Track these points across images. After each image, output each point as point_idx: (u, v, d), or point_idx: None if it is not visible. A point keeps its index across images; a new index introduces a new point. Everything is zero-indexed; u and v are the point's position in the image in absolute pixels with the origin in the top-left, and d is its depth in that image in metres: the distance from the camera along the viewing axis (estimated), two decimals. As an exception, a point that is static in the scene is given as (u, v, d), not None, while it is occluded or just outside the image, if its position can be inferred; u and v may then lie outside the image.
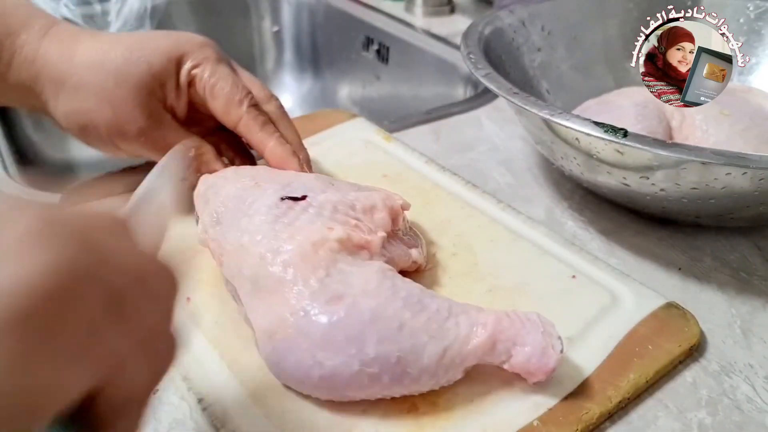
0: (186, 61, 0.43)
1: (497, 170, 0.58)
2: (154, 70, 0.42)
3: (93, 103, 0.41)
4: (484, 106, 0.70)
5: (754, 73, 0.62)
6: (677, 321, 0.39)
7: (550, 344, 0.33)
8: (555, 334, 0.34)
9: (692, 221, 0.49)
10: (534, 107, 0.44)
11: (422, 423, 0.33)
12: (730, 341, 0.40)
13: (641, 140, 0.40)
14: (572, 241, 0.47)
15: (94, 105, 0.41)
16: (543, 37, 0.63)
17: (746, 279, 0.46)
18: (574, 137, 0.45)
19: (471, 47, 0.54)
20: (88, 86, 0.41)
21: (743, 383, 0.37)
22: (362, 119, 0.62)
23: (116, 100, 0.41)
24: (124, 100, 0.41)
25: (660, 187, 0.44)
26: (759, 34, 0.63)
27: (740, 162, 0.38)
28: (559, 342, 0.33)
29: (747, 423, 0.35)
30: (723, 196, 0.42)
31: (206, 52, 0.44)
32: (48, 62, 0.42)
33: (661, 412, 0.35)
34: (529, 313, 0.35)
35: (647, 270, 0.46)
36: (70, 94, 0.41)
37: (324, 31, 1.06)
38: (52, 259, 0.18)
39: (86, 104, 0.41)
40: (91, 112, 0.41)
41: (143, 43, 0.43)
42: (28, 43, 0.42)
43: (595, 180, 0.48)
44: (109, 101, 0.41)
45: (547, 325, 0.34)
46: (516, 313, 0.34)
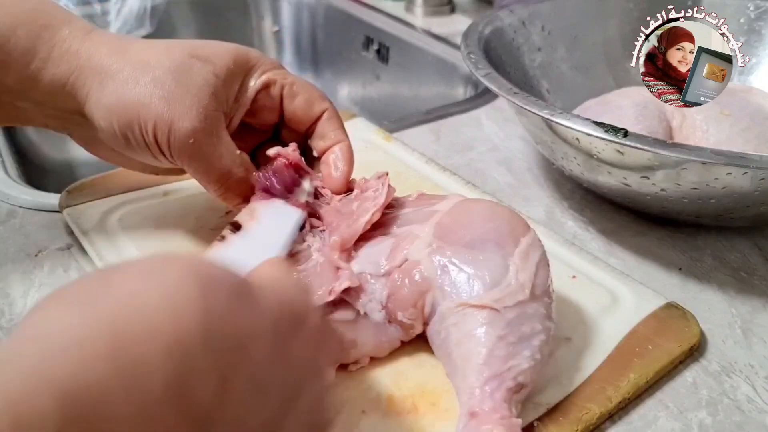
0: (256, 66, 0.41)
1: (497, 170, 0.58)
2: (220, 72, 0.39)
3: (145, 96, 0.37)
4: (484, 106, 0.70)
5: (754, 72, 0.62)
6: (677, 321, 0.39)
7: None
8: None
9: (693, 221, 0.49)
10: (534, 107, 0.44)
11: (422, 423, 0.33)
12: (730, 341, 0.40)
13: (641, 140, 0.40)
14: (572, 241, 0.47)
15: (147, 98, 0.37)
16: (543, 37, 0.63)
17: (746, 279, 0.45)
18: (574, 137, 0.45)
19: (471, 47, 0.54)
20: (144, 79, 0.37)
21: (743, 383, 0.37)
22: (362, 119, 0.62)
23: (174, 96, 0.37)
24: (183, 97, 0.37)
25: (660, 187, 0.44)
26: (759, 34, 0.63)
27: (741, 162, 0.38)
28: None
29: (747, 423, 0.35)
30: (723, 196, 0.42)
31: (270, 59, 0.42)
32: (95, 54, 0.38)
33: (662, 413, 0.35)
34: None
35: (647, 270, 0.46)
36: (119, 85, 0.37)
37: (324, 31, 1.06)
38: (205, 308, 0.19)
39: (138, 96, 0.37)
40: (142, 106, 0.37)
41: (205, 46, 0.40)
42: (71, 36, 0.38)
43: (596, 180, 0.48)
44: (165, 97, 0.37)
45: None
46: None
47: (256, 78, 0.41)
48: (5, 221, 0.49)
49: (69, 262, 0.44)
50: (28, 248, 0.46)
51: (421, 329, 0.36)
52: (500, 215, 0.37)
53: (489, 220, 0.36)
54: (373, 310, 0.35)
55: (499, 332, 0.32)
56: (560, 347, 0.37)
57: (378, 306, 0.35)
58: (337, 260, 0.36)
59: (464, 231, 0.36)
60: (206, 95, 0.38)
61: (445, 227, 0.36)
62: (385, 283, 0.35)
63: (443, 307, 0.34)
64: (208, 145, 0.38)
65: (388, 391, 0.34)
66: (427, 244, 0.36)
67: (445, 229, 0.36)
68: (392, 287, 0.35)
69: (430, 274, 0.35)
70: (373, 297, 0.35)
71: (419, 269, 0.35)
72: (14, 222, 0.49)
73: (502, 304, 0.32)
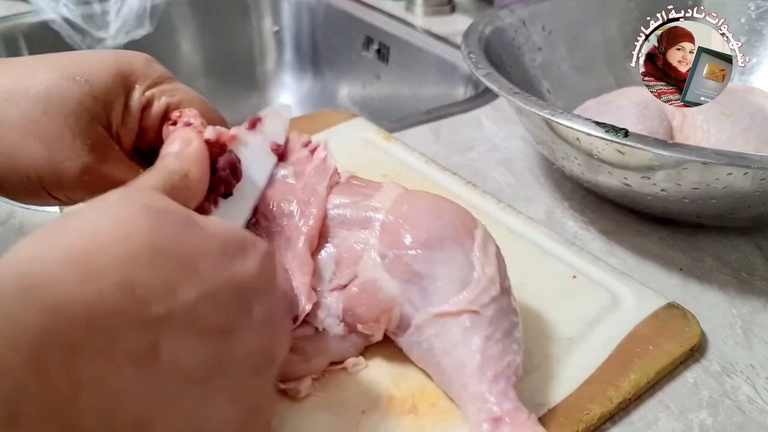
0: (137, 81, 0.35)
1: (497, 170, 0.58)
2: (97, 91, 0.33)
3: (15, 141, 0.31)
4: (484, 106, 0.70)
5: (755, 72, 0.62)
6: (678, 321, 0.39)
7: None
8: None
9: (693, 221, 0.48)
10: (535, 107, 0.44)
11: (422, 424, 0.33)
12: (731, 342, 0.40)
13: (642, 140, 0.40)
14: (573, 241, 0.47)
15: (17, 142, 0.31)
16: (544, 36, 0.63)
17: (747, 279, 0.45)
18: (575, 137, 0.45)
19: (471, 47, 0.54)
20: (7, 121, 0.31)
21: (744, 384, 0.37)
22: (362, 119, 0.62)
23: (48, 132, 0.31)
24: (59, 131, 0.31)
25: (661, 187, 0.44)
26: (760, 34, 0.63)
27: (741, 162, 0.38)
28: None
29: (748, 423, 0.35)
30: (724, 197, 0.42)
31: (156, 69, 0.36)
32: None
33: (662, 413, 0.35)
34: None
35: (648, 270, 0.46)
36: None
37: (324, 31, 1.06)
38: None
39: (8, 144, 0.31)
40: (14, 153, 0.31)
41: (77, 62, 0.34)
42: None
43: (596, 180, 0.48)
44: (38, 135, 0.31)
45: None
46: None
47: (138, 95, 0.35)
48: (5, 221, 0.49)
49: (68, 262, 0.44)
50: (28, 248, 0.46)
51: (381, 338, 0.35)
52: (448, 210, 0.35)
53: (438, 216, 0.34)
54: (332, 325, 0.34)
55: (485, 332, 0.32)
56: (561, 347, 0.37)
57: (336, 321, 0.34)
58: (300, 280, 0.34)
59: (415, 232, 0.33)
60: (86, 121, 0.32)
61: (392, 231, 0.34)
62: (338, 297, 0.34)
63: (418, 319, 0.33)
64: (104, 174, 0.33)
65: (388, 391, 0.34)
66: (379, 254, 0.34)
67: (393, 233, 0.34)
68: (349, 302, 0.34)
69: (392, 290, 0.33)
70: (329, 312, 0.34)
71: (378, 287, 0.33)
72: (14, 222, 0.48)
73: (480, 304, 0.32)
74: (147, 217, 0.23)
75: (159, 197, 0.25)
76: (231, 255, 0.25)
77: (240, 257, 0.25)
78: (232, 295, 0.24)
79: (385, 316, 0.33)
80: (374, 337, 0.35)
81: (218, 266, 0.24)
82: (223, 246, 0.25)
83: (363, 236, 0.35)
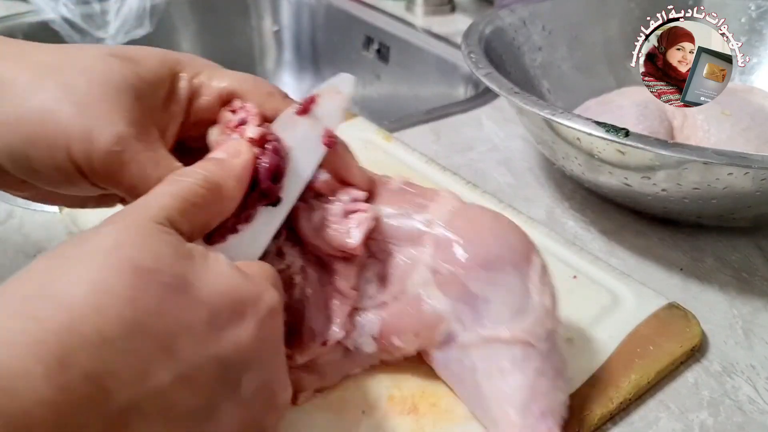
0: (184, 69, 0.33)
1: (498, 170, 0.58)
2: (144, 72, 0.31)
3: (51, 103, 0.28)
4: (484, 105, 0.70)
5: (755, 72, 0.62)
6: (678, 321, 0.39)
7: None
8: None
9: (694, 221, 0.48)
10: (535, 107, 0.44)
11: (422, 424, 0.32)
12: (731, 342, 0.40)
13: (643, 140, 0.40)
14: (573, 241, 0.47)
15: (53, 105, 0.28)
16: (544, 36, 0.63)
17: (748, 279, 0.45)
18: (575, 137, 0.45)
19: (472, 46, 0.54)
20: (47, 84, 0.29)
21: (745, 384, 0.37)
22: (362, 119, 0.62)
23: (86, 98, 0.28)
24: (98, 99, 0.29)
25: (661, 188, 0.44)
26: (760, 34, 0.63)
27: (742, 162, 0.38)
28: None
29: (749, 424, 0.35)
30: (725, 197, 0.42)
31: (202, 60, 0.34)
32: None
33: (663, 413, 0.35)
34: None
35: (648, 270, 0.46)
36: (16, 94, 0.28)
37: (324, 31, 1.06)
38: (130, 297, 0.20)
39: (41, 104, 0.28)
40: (47, 116, 0.28)
41: (126, 47, 0.32)
42: None
43: (597, 180, 0.48)
44: (75, 100, 0.28)
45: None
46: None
47: (185, 83, 0.33)
48: (4, 221, 0.48)
49: (68, 262, 0.44)
50: (27, 249, 0.45)
51: (413, 353, 0.33)
52: (508, 230, 0.33)
53: (498, 236, 0.32)
54: (362, 345, 0.33)
55: (538, 366, 0.30)
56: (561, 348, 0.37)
57: (369, 340, 0.33)
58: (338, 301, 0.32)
59: (473, 249, 0.31)
60: (127, 98, 0.29)
61: (448, 247, 0.32)
62: (377, 315, 0.32)
63: (465, 338, 0.31)
64: (141, 152, 0.29)
65: (388, 391, 0.34)
66: (431, 269, 0.32)
67: (448, 249, 0.32)
68: (390, 318, 0.32)
69: (442, 307, 0.31)
70: (363, 331, 0.32)
71: (427, 303, 0.31)
72: (13, 222, 0.48)
73: (535, 336, 0.30)
74: (130, 283, 0.21)
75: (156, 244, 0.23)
76: (221, 325, 0.23)
77: (233, 325, 0.23)
78: (215, 373, 0.22)
79: (428, 331, 0.32)
80: (406, 351, 0.33)
81: (202, 342, 0.22)
82: (213, 315, 0.22)
83: (414, 252, 0.32)
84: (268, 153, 0.29)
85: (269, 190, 0.29)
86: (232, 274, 0.24)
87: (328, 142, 0.32)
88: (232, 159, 0.28)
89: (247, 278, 0.25)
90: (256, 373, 0.24)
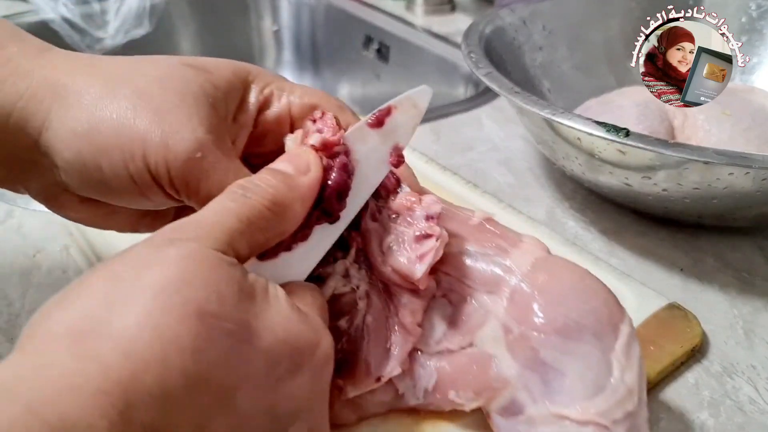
0: (254, 80, 0.32)
1: (498, 170, 0.58)
2: (217, 80, 0.30)
3: (126, 110, 0.28)
4: (484, 105, 0.70)
5: (756, 72, 0.62)
6: (679, 322, 0.39)
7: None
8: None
9: (694, 221, 0.48)
10: (535, 107, 0.44)
11: (422, 424, 0.32)
12: (732, 342, 0.40)
13: (643, 140, 0.40)
14: (574, 241, 0.47)
15: (128, 112, 0.28)
16: (544, 36, 0.63)
17: (748, 279, 0.45)
18: (575, 137, 0.44)
19: (472, 46, 0.54)
20: (122, 92, 0.28)
21: (746, 384, 0.37)
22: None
23: (164, 105, 0.28)
24: (176, 105, 0.28)
25: (662, 187, 0.44)
26: (761, 34, 0.62)
27: (742, 162, 0.38)
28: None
29: (749, 424, 0.35)
30: (725, 197, 0.42)
31: (269, 72, 0.34)
32: (54, 72, 0.29)
33: (663, 414, 0.35)
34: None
35: (649, 270, 0.46)
36: (89, 103, 0.28)
37: (324, 31, 1.05)
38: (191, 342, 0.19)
39: (116, 113, 0.28)
40: (122, 124, 0.27)
41: (197, 58, 0.32)
42: (21, 55, 0.29)
43: (597, 180, 0.48)
44: (152, 108, 0.28)
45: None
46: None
47: (256, 93, 0.32)
48: (3, 221, 0.48)
49: (67, 263, 0.44)
50: (27, 249, 0.45)
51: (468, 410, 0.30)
52: (596, 293, 0.29)
53: (583, 300, 0.28)
54: (412, 396, 0.30)
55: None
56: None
57: (420, 392, 0.30)
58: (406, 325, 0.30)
59: (551, 312, 0.28)
60: (204, 105, 0.29)
61: (524, 304, 0.29)
62: (436, 364, 0.30)
63: (534, 411, 0.28)
64: (221, 160, 0.28)
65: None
66: (503, 328, 0.29)
67: (524, 306, 0.29)
68: (451, 370, 0.30)
69: (508, 372, 0.28)
70: (418, 382, 0.30)
71: (493, 364, 0.29)
72: (12, 222, 0.48)
73: (611, 419, 0.27)
74: (195, 332, 0.20)
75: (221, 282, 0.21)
76: (280, 376, 0.22)
77: (291, 376, 0.22)
78: (266, 425, 0.22)
79: (490, 392, 0.29)
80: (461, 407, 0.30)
81: (260, 394, 0.21)
82: (272, 365, 0.22)
83: (488, 301, 0.30)
84: (338, 170, 0.28)
85: (332, 209, 0.28)
86: (292, 317, 0.23)
87: (396, 162, 0.31)
88: (300, 176, 0.27)
89: (306, 322, 0.24)
90: (303, 421, 0.23)
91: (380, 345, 0.30)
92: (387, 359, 0.29)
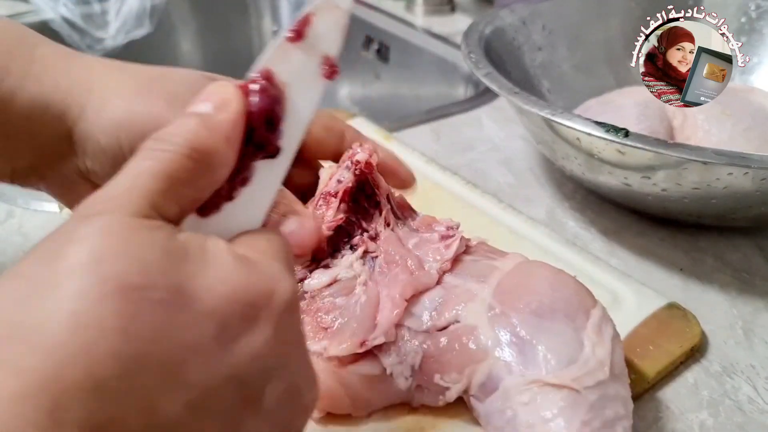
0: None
1: (498, 170, 0.58)
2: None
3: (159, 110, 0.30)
4: (484, 105, 0.70)
5: (755, 72, 0.62)
6: (678, 321, 0.39)
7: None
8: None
9: (694, 221, 0.48)
10: (535, 107, 0.44)
11: (422, 424, 0.32)
12: (731, 342, 0.40)
13: (643, 140, 0.40)
14: (573, 241, 0.47)
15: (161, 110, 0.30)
16: (544, 36, 0.63)
17: (748, 279, 0.45)
18: (575, 137, 0.44)
19: (472, 46, 0.54)
20: (157, 89, 0.31)
21: (745, 384, 0.37)
22: (362, 119, 0.62)
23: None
24: None
25: (661, 187, 0.44)
26: (761, 34, 0.63)
27: (742, 162, 0.38)
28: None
29: (749, 424, 0.35)
30: (725, 197, 0.42)
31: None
32: (88, 71, 0.31)
33: (663, 413, 0.35)
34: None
35: (648, 270, 0.46)
36: (127, 97, 0.30)
37: (324, 31, 1.05)
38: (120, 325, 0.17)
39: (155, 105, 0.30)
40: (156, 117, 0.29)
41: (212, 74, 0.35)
42: (54, 54, 0.32)
43: (597, 180, 0.48)
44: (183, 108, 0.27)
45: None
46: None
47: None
48: (4, 221, 0.48)
49: (68, 262, 0.44)
50: (27, 249, 0.45)
51: (455, 397, 0.32)
52: (567, 284, 0.33)
53: (556, 289, 0.33)
54: (400, 375, 0.32)
55: (582, 416, 0.28)
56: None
57: (408, 371, 0.32)
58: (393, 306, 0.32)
59: (529, 297, 0.32)
60: None
61: (507, 290, 0.33)
62: (422, 342, 0.32)
63: (508, 382, 0.30)
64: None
65: (388, 391, 0.34)
66: (487, 306, 0.32)
67: (507, 292, 0.33)
68: (433, 349, 0.32)
69: (490, 343, 0.31)
70: (404, 359, 0.32)
71: (475, 335, 0.31)
72: (12, 222, 0.48)
73: (582, 384, 0.29)
74: (118, 309, 0.17)
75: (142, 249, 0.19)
76: (232, 336, 0.20)
77: (246, 333, 0.20)
78: (233, 392, 0.20)
79: (471, 368, 0.31)
80: (447, 394, 0.32)
81: (213, 361, 0.19)
82: (221, 327, 0.19)
83: (476, 287, 0.33)
84: (259, 95, 0.24)
85: (266, 140, 0.24)
86: (235, 270, 0.20)
87: (329, 73, 0.27)
88: (219, 114, 0.23)
89: (254, 272, 0.21)
90: (278, 379, 0.21)
91: (370, 316, 0.32)
92: (373, 328, 0.32)
